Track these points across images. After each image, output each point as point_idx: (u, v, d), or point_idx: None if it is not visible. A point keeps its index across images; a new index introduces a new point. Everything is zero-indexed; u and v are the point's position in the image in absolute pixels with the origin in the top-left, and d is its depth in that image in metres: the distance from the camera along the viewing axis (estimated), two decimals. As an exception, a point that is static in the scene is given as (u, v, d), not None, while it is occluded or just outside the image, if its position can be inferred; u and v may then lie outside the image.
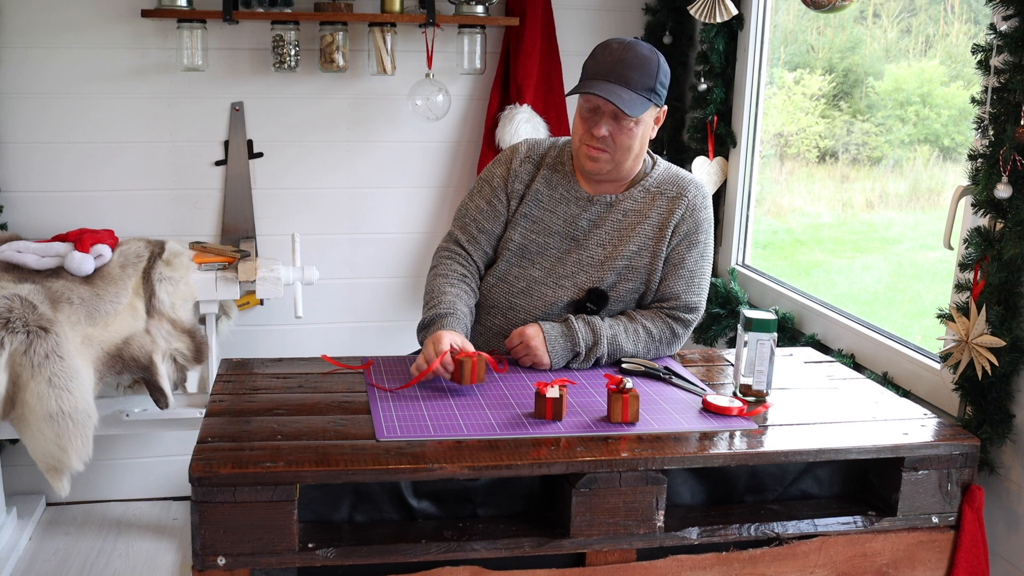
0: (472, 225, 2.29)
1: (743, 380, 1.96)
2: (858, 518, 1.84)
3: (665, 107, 2.21)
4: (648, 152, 2.31)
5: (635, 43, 2.13)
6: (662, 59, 2.15)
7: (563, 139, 2.34)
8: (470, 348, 2.03)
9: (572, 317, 2.14)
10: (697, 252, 2.22)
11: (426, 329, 2.14)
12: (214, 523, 1.57)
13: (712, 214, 2.28)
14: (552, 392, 1.81)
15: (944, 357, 2.07)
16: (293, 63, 3.20)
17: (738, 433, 1.81)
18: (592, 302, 2.18)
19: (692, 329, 2.25)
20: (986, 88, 1.98)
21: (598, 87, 2.08)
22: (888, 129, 3.36)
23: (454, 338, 2.02)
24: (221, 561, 1.59)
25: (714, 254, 3.37)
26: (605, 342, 2.12)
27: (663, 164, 2.31)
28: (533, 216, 2.25)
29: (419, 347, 2.37)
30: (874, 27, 3.31)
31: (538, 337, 2.11)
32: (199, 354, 2.98)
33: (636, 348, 2.17)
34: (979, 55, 1.99)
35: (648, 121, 2.17)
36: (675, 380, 2.07)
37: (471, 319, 2.21)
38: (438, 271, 2.26)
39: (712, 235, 2.27)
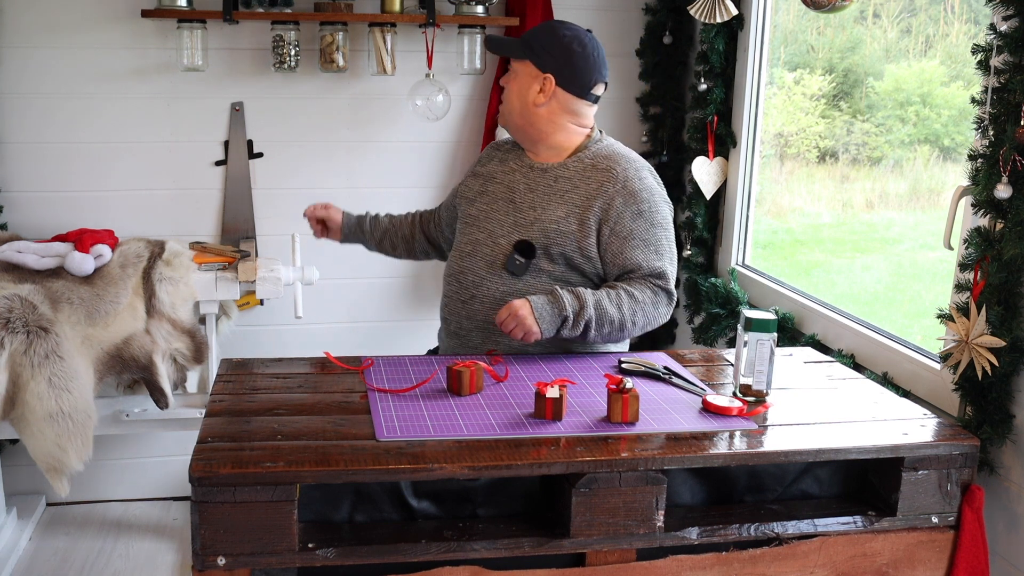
0: (450, 199, 2.58)
1: (743, 380, 1.96)
2: (858, 518, 1.84)
3: (550, 76, 2.28)
4: (598, 130, 2.40)
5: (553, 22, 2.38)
6: (558, 31, 2.30)
7: None
8: (333, 215, 2.68)
9: (557, 287, 2.19)
10: (644, 221, 2.25)
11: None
12: (214, 523, 1.57)
13: (653, 184, 2.30)
14: (552, 392, 1.81)
15: (944, 357, 2.07)
16: (293, 63, 3.20)
17: (738, 433, 1.81)
18: (520, 253, 2.26)
19: (671, 294, 2.26)
20: (986, 88, 1.98)
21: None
22: (888, 129, 3.36)
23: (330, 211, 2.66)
24: (221, 561, 1.59)
25: (713, 254, 3.39)
26: (591, 306, 2.15)
27: (607, 141, 2.38)
28: (487, 191, 2.39)
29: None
30: (874, 27, 3.31)
31: (525, 307, 2.14)
32: (199, 354, 2.98)
33: (621, 312, 2.19)
34: (979, 55, 1.99)
35: (523, 77, 2.31)
36: (675, 380, 2.07)
37: (386, 227, 2.65)
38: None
39: (659, 203, 2.29)
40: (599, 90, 2.37)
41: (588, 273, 2.28)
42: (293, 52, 3.18)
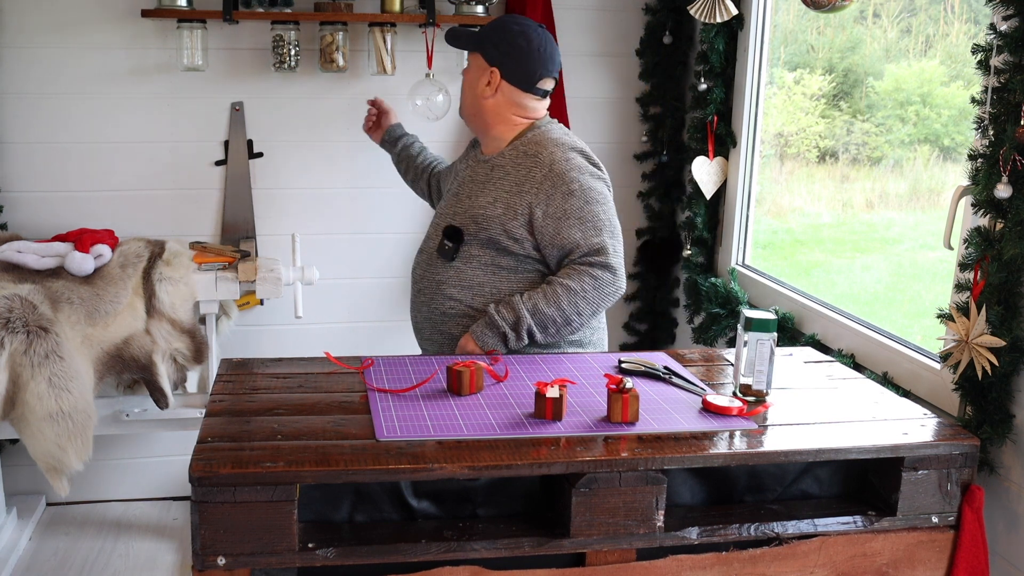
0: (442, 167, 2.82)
1: (743, 380, 1.96)
2: (858, 518, 1.84)
3: (496, 70, 2.37)
4: (550, 120, 2.45)
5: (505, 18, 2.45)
6: (508, 26, 2.38)
7: None
8: (390, 118, 2.94)
9: (490, 306, 2.27)
10: (576, 200, 2.27)
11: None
12: (214, 523, 1.57)
13: (582, 162, 2.33)
14: (552, 392, 1.81)
15: (944, 357, 2.07)
16: (293, 63, 3.20)
17: (738, 433, 1.81)
18: (447, 238, 2.36)
19: (615, 267, 2.28)
20: (986, 88, 1.98)
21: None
22: (888, 129, 3.36)
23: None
24: (221, 561, 1.59)
25: (713, 254, 3.39)
26: (526, 313, 2.22)
27: (544, 128, 2.41)
28: (448, 189, 2.54)
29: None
30: (874, 27, 3.31)
31: (469, 342, 2.28)
32: (199, 354, 2.98)
33: (560, 309, 2.23)
34: (979, 55, 1.99)
35: (474, 70, 2.42)
36: (675, 380, 2.07)
37: (413, 154, 2.89)
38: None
39: (590, 180, 2.31)
40: (546, 84, 2.42)
41: (518, 254, 2.32)
42: (293, 52, 3.18)
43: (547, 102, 2.45)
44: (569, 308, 2.23)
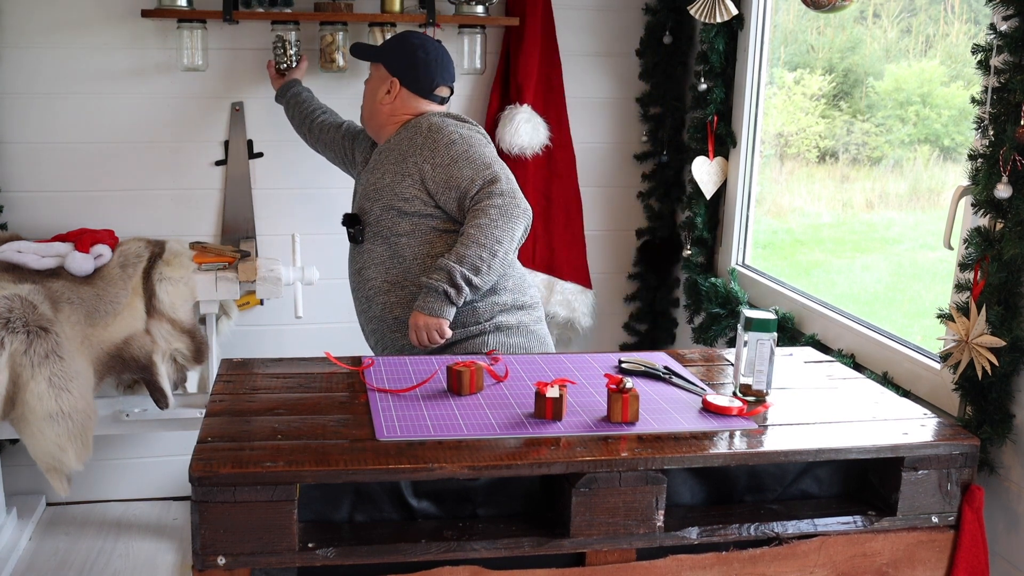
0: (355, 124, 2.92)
1: (743, 380, 1.96)
2: (858, 518, 1.84)
3: (396, 80, 2.57)
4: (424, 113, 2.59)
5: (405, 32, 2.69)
6: (407, 39, 2.60)
7: None
8: (274, 81, 3.10)
9: (423, 278, 2.36)
10: (457, 146, 2.44)
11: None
12: (214, 523, 1.57)
13: (455, 121, 2.52)
14: (552, 392, 1.82)
15: (944, 357, 2.07)
16: (293, 63, 3.20)
17: (738, 433, 1.81)
18: (346, 224, 2.57)
19: (510, 192, 2.41)
20: (986, 88, 1.98)
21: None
22: (888, 129, 3.36)
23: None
24: (221, 561, 1.59)
25: (713, 254, 3.39)
26: (453, 264, 2.32)
27: (428, 116, 2.56)
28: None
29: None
30: (874, 27, 3.31)
31: (417, 316, 2.35)
32: (199, 354, 2.98)
33: (480, 245, 2.33)
34: (979, 55, 1.99)
35: (375, 79, 2.62)
36: (675, 380, 2.07)
37: (299, 106, 3.03)
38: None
39: (466, 131, 2.50)
40: (443, 92, 2.64)
41: (410, 213, 2.45)
42: (293, 52, 3.20)
43: (444, 108, 2.65)
44: (487, 240, 2.33)
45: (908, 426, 1.89)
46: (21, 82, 3.17)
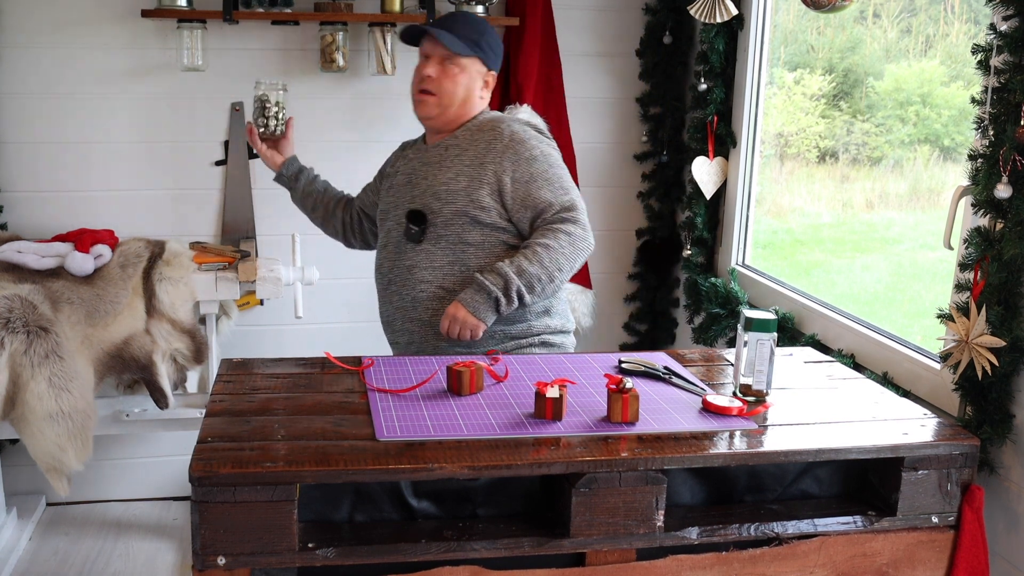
0: (362, 191, 2.75)
1: (743, 380, 1.96)
2: (858, 518, 1.84)
3: (495, 73, 2.46)
4: (491, 111, 2.52)
5: (466, 11, 2.47)
6: (491, 27, 2.46)
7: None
8: (275, 156, 2.69)
9: (477, 274, 2.30)
10: (539, 163, 2.36)
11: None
12: (214, 523, 1.57)
13: (536, 134, 2.43)
14: (552, 392, 1.81)
15: (944, 357, 2.07)
16: (280, 127, 2.77)
17: (738, 433, 1.81)
18: (411, 222, 2.40)
19: (584, 224, 2.36)
20: (986, 88, 1.98)
21: (426, 27, 2.42)
22: (888, 129, 3.35)
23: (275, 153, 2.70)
24: (221, 561, 1.59)
25: (713, 254, 3.39)
26: (513, 275, 2.26)
27: (493, 113, 2.51)
28: (388, 188, 2.54)
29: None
30: (874, 27, 3.31)
31: (459, 309, 2.28)
32: (199, 354, 2.98)
33: (543, 267, 2.28)
34: (979, 55, 1.99)
35: (473, 73, 2.42)
36: (675, 380, 2.07)
37: (311, 186, 2.75)
38: None
39: (548, 147, 2.43)
40: None
41: (485, 224, 2.36)
42: (277, 112, 2.76)
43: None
44: (551, 265, 2.28)
45: (908, 426, 1.89)
46: (21, 82, 3.17)
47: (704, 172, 3.28)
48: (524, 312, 2.39)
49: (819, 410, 1.95)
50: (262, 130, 2.70)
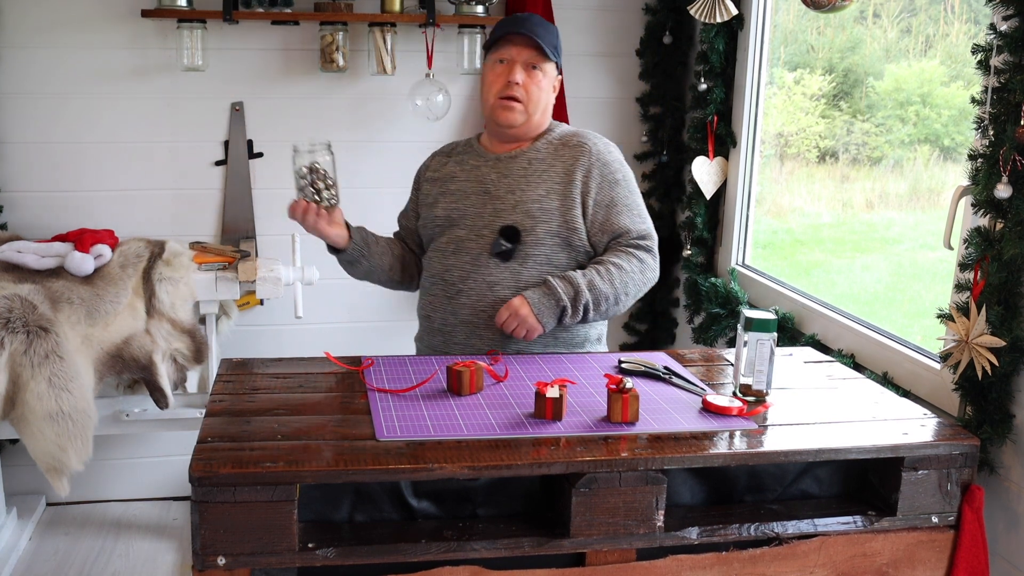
0: (397, 224, 2.61)
1: (743, 380, 1.96)
2: (858, 518, 1.84)
3: (561, 77, 2.42)
4: (561, 123, 2.48)
5: (534, 13, 2.41)
6: (553, 26, 2.39)
7: (470, 137, 2.54)
8: (337, 229, 2.31)
9: (549, 277, 2.24)
10: (622, 188, 2.34)
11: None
12: (214, 523, 1.57)
13: (620, 155, 2.40)
14: (552, 392, 1.81)
15: (944, 357, 2.07)
16: (335, 197, 2.31)
17: (738, 433, 1.81)
18: (505, 238, 2.29)
19: (656, 255, 2.35)
20: (986, 88, 1.98)
21: (519, 30, 2.29)
22: (888, 129, 3.35)
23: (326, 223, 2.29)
24: (221, 561, 1.59)
25: (713, 254, 3.39)
26: (584, 288, 2.22)
27: (564, 126, 2.47)
28: (450, 191, 2.40)
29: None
30: (874, 27, 3.31)
31: (524, 306, 2.20)
32: (199, 354, 2.98)
33: (614, 286, 2.24)
34: (979, 55, 1.99)
35: (551, 79, 2.37)
36: (675, 380, 2.07)
37: (377, 245, 2.45)
38: None
39: (629, 171, 2.40)
40: None
41: (576, 245, 2.32)
42: (330, 181, 2.29)
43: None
44: (620, 287, 2.26)
45: (908, 426, 1.89)
46: (21, 82, 3.17)
47: (704, 172, 3.28)
48: (595, 344, 2.39)
49: (819, 410, 1.95)
50: (323, 204, 2.25)
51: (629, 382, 1.83)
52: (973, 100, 2.02)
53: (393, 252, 2.49)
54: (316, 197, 2.23)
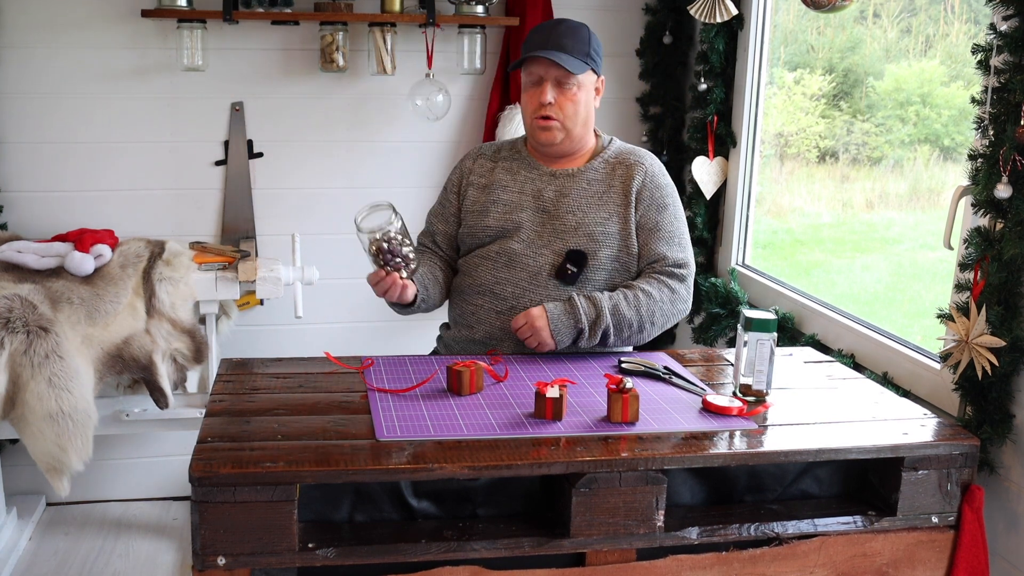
0: (428, 225, 2.50)
1: (743, 380, 1.96)
2: (858, 518, 1.84)
3: (603, 78, 2.36)
4: (598, 132, 2.43)
5: (564, 19, 2.33)
6: (592, 31, 2.32)
7: (514, 138, 2.46)
8: (405, 293, 2.19)
9: (574, 295, 2.20)
10: (669, 213, 2.32)
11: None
12: (214, 523, 1.57)
13: (668, 178, 2.37)
14: (552, 392, 1.81)
15: (944, 357, 2.07)
16: (411, 262, 2.23)
17: (738, 433, 1.81)
18: (572, 264, 2.25)
19: (690, 286, 2.32)
20: (986, 88, 1.98)
21: (538, 53, 2.23)
22: (888, 129, 3.36)
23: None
24: (221, 561, 1.59)
25: (713, 254, 3.39)
26: (607, 313, 2.18)
27: (618, 141, 2.43)
28: (502, 201, 2.34)
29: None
30: (874, 27, 3.31)
31: (542, 318, 2.18)
32: (199, 354, 2.98)
33: (639, 314, 2.21)
34: (979, 55, 1.99)
35: (589, 87, 2.30)
36: (675, 380, 2.07)
37: (434, 284, 2.35)
38: None
39: (677, 196, 2.38)
40: None
41: (632, 269, 2.31)
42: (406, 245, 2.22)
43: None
44: (646, 314, 2.21)
45: (908, 426, 1.89)
46: (21, 82, 3.17)
47: (704, 172, 3.28)
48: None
49: (819, 410, 1.95)
50: (405, 276, 2.16)
51: (629, 382, 1.83)
52: (973, 100, 2.02)
53: (439, 282, 2.38)
54: (402, 272, 2.15)
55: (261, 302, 3.38)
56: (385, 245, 2.11)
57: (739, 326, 1.97)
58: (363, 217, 2.10)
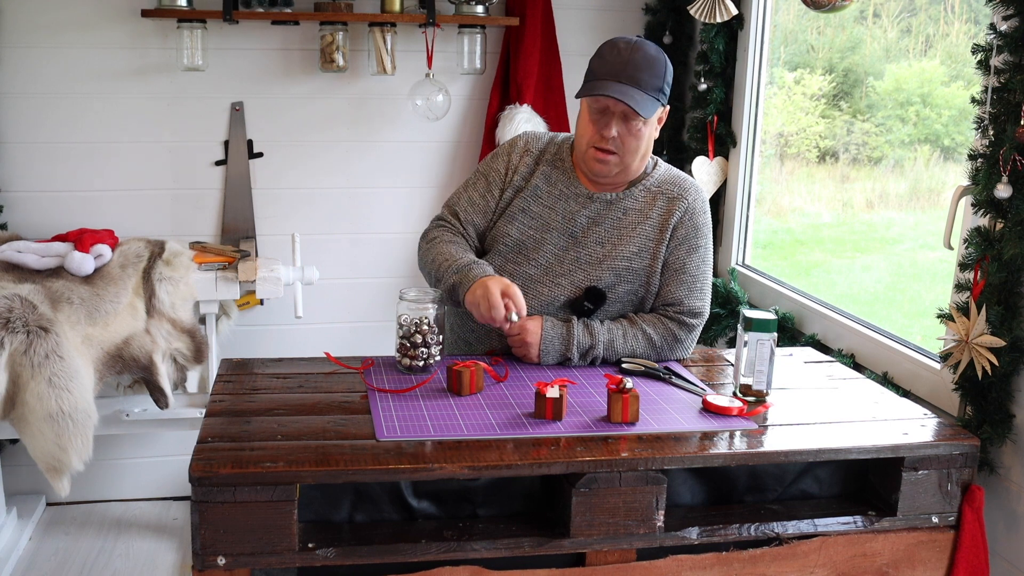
0: (462, 213, 2.28)
1: (743, 380, 1.96)
2: (858, 518, 1.84)
3: (668, 106, 2.20)
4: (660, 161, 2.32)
5: (642, 43, 2.12)
6: (667, 59, 2.14)
7: (561, 135, 2.33)
8: (517, 292, 2.04)
9: (574, 319, 2.15)
10: (698, 257, 2.21)
11: (457, 286, 2.11)
12: (214, 523, 1.57)
13: (710, 219, 2.27)
14: (552, 392, 1.81)
15: (944, 357, 2.07)
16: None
17: (738, 433, 1.81)
18: (590, 301, 2.16)
19: (697, 334, 2.23)
20: (986, 88, 1.98)
21: (610, 88, 2.05)
22: (888, 129, 3.36)
23: (499, 283, 2.04)
24: (221, 561, 1.59)
25: (714, 255, 3.39)
26: (602, 345, 2.13)
27: (664, 165, 2.31)
28: (531, 212, 2.22)
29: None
30: (874, 27, 3.31)
31: (536, 334, 2.11)
32: (199, 354, 2.98)
33: (633, 353, 2.16)
34: (979, 55, 1.99)
35: (653, 120, 2.15)
36: (675, 380, 2.07)
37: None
38: (438, 238, 2.25)
39: (711, 240, 2.26)
40: None
41: (647, 303, 2.22)
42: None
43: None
44: (642, 354, 2.17)
45: (908, 426, 1.89)
46: (21, 82, 3.17)
47: (704, 172, 3.28)
48: None
49: (819, 410, 1.95)
50: (419, 363, 2.05)
51: (629, 382, 1.83)
52: (973, 100, 2.02)
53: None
54: (417, 362, 2.05)
55: (261, 302, 3.38)
56: (425, 327, 2.03)
57: (739, 326, 1.97)
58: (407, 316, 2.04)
